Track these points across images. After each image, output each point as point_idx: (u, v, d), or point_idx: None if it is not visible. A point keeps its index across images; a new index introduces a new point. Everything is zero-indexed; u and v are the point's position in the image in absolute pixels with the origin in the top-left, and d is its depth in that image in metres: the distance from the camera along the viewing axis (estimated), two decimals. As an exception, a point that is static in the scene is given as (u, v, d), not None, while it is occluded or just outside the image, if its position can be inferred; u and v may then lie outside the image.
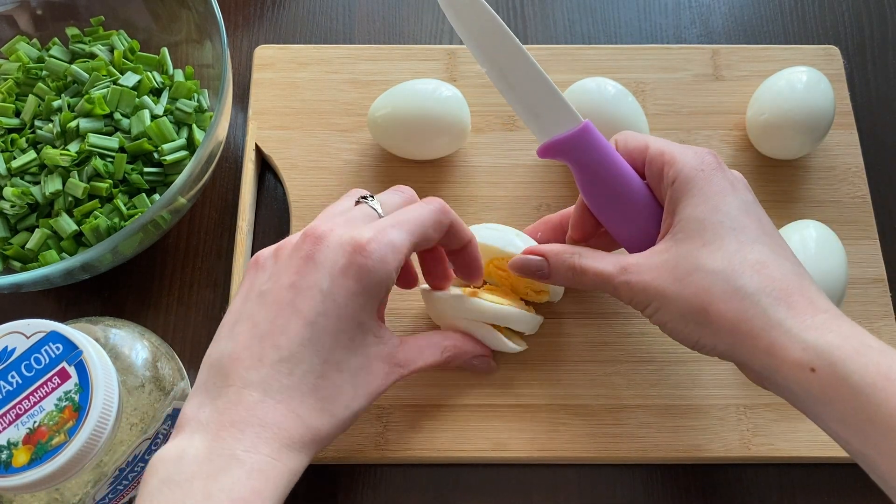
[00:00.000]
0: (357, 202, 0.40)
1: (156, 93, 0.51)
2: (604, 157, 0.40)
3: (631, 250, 0.41)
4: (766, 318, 0.34)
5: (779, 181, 0.52)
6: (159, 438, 0.40)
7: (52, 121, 0.48)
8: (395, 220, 0.38)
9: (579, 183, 0.41)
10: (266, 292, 0.36)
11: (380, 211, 0.40)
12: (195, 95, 0.51)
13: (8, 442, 0.33)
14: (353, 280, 0.35)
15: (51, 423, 0.33)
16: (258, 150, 0.52)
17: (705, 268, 0.36)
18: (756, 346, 0.35)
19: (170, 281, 0.50)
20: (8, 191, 0.47)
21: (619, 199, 0.41)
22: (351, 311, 0.36)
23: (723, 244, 0.36)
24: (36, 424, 0.33)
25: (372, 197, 0.40)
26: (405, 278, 0.44)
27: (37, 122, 0.49)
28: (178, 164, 0.48)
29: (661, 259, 0.38)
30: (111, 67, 0.50)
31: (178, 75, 0.52)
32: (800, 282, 0.36)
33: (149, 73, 0.50)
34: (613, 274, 0.39)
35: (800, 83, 0.49)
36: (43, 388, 0.34)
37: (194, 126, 0.50)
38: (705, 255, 0.36)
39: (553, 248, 0.42)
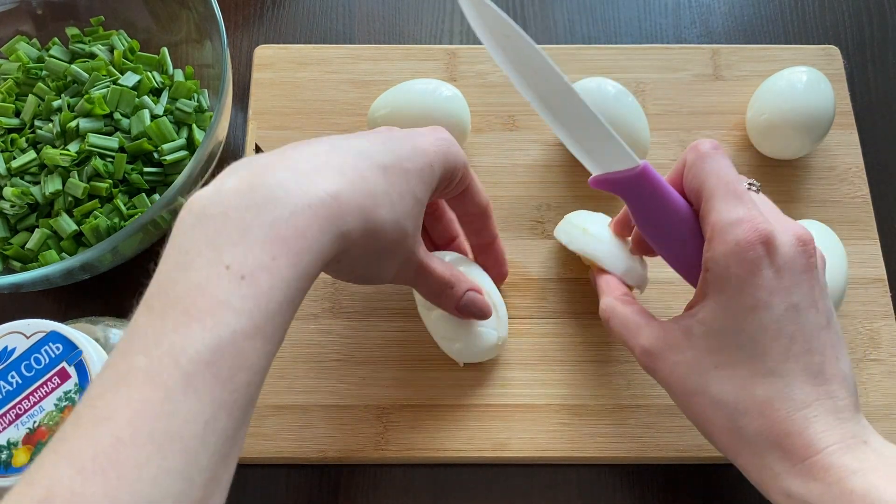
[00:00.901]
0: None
1: (156, 93, 0.51)
2: (658, 198, 0.38)
3: (683, 274, 0.41)
4: (758, 459, 0.35)
5: (779, 181, 0.52)
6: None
7: (52, 121, 0.48)
8: None
9: (631, 211, 0.40)
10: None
11: None
12: (195, 95, 0.51)
13: (8, 442, 0.33)
14: (433, 141, 0.37)
15: (51, 423, 0.34)
16: (258, 150, 0.52)
17: (711, 395, 0.35)
18: (748, 474, 0.36)
19: (170, 281, 0.50)
20: (8, 191, 0.47)
21: (670, 236, 0.39)
22: (429, 155, 0.36)
23: (734, 372, 0.35)
24: (36, 424, 0.33)
25: None
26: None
27: (37, 122, 0.49)
28: (178, 164, 0.48)
29: (677, 359, 0.37)
30: (111, 67, 0.50)
31: (178, 75, 0.52)
32: (804, 420, 0.34)
33: (149, 73, 0.50)
34: (636, 350, 0.39)
35: (800, 83, 0.49)
36: (43, 388, 0.34)
37: (194, 126, 0.50)
38: (715, 381, 0.35)
39: (604, 289, 0.43)
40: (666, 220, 0.38)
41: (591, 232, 0.45)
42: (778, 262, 0.34)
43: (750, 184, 0.39)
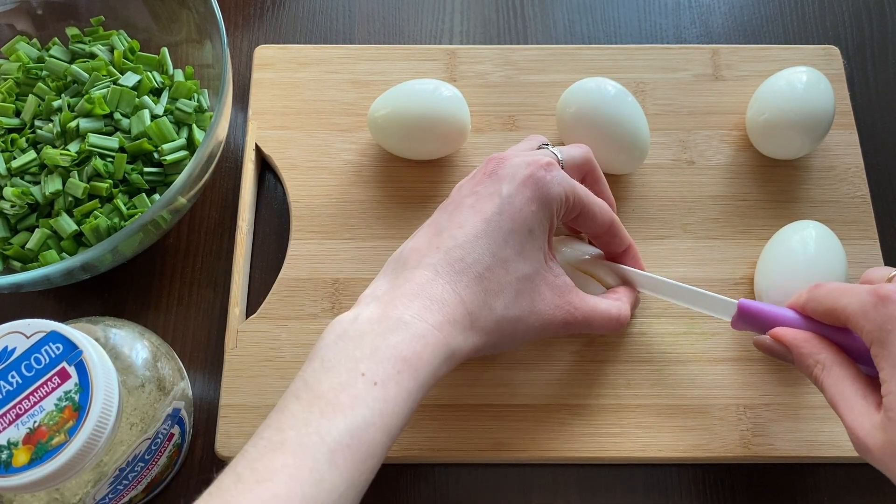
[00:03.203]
0: (539, 147, 0.44)
1: (156, 93, 0.51)
2: (772, 321, 0.40)
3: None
4: None
5: (779, 181, 0.52)
6: (159, 438, 0.40)
7: (52, 121, 0.48)
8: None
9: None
10: (449, 203, 0.41)
11: (559, 156, 0.43)
12: (195, 95, 0.51)
13: (8, 442, 0.33)
14: (531, 188, 0.40)
15: (51, 423, 0.33)
16: (258, 150, 0.52)
17: None
18: None
19: (170, 281, 0.50)
20: (8, 191, 0.47)
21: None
22: (525, 215, 0.39)
23: None
24: (36, 424, 0.33)
25: (552, 145, 0.45)
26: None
27: (37, 122, 0.49)
28: (178, 164, 0.48)
29: (882, 440, 0.34)
30: (111, 67, 0.50)
31: (178, 75, 0.52)
32: None
33: (149, 73, 0.50)
34: (851, 433, 0.35)
35: (800, 83, 0.49)
36: (43, 388, 0.34)
37: (194, 126, 0.50)
38: None
39: (797, 341, 0.39)
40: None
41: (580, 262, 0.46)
42: None
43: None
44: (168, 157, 0.48)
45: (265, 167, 0.53)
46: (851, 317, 0.36)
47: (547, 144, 0.45)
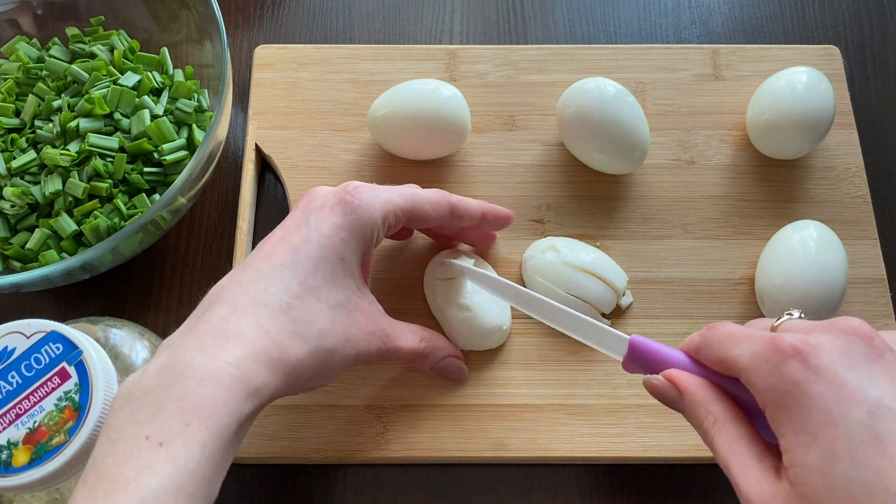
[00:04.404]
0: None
1: (156, 93, 0.51)
2: (662, 362, 0.36)
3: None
4: None
5: (779, 181, 0.52)
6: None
7: (52, 121, 0.48)
8: (390, 187, 0.41)
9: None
10: (264, 242, 0.39)
11: None
12: (195, 95, 0.51)
13: (8, 442, 0.33)
14: (340, 215, 0.38)
15: (51, 423, 0.33)
16: (258, 150, 0.52)
17: None
18: None
19: (170, 281, 0.50)
20: (8, 191, 0.47)
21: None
22: (335, 242, 0.38)
23: None
24: (36, 424, 0.33)
25: None
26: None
27: (37, 122, 0.49)
28: (178, 164, 0.48)
29: None
30: (111, 67, 0.50)
31: (178, 75, 0.52)
32: None
33: (149, 73, 0.50)
34: (746, 494, 0.30)
35: (800, 83, 0.49)
36: (43, 388, 0.34)
37: (194, 126, 0.50)
38: None
39: (693, 386, 0.34)
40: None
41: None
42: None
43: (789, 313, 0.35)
44: (168, 157, 0.48)
45: (265, 167, 0.53)
46: (744, 371, 0.31)
47: None
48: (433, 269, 0.47)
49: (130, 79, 0.50)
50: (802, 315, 0.34)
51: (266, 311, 0.35)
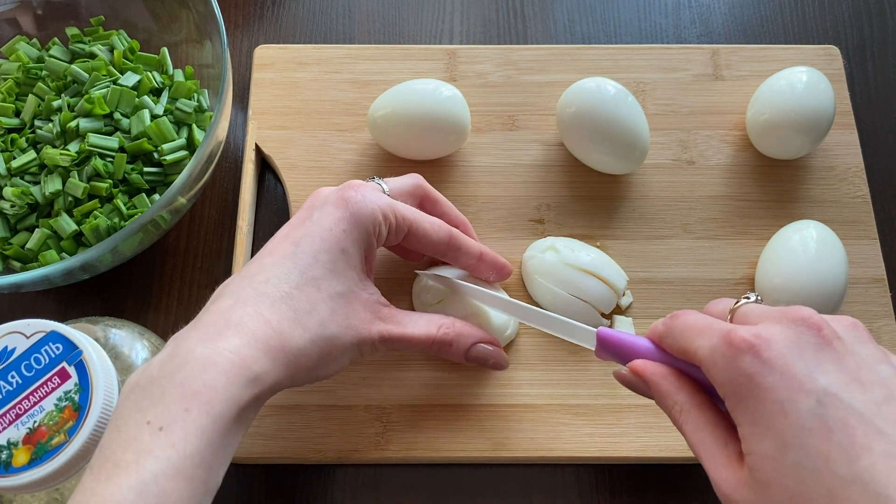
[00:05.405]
0: (365, 179, 0.44)
1: (156, 93, 0.51)
2: (628, 353, 0.37)
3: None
4: None
5: (779, 181, 0.52)
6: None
7: (52, 121, 0.48)
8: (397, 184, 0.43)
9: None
10: (271, 240, 0.40)
11: (385, 186, 0.43)
12: (195, 95, 0.51)
13: (8, 442, 0.33)
14: (341, 209, 0.39)
15: (51, 423, 0.33)
16: (258, 150, 0.52)
17: None
18: None
19: (170, 281, 0.50)
20: (8, 191, 0.47)
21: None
22: (336, 234, 0.38)
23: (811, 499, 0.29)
24: (36, 424, 0.33)
25: (381, 178, 0.44)
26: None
27: (37, 122, 0.49)
28: (178, 164, 0.48)
29: (751, 499, 0.30)
30: (111, 67, 0.50)
31: (178, 75, 0.52)
32: None
33: (149, 73, 0.50)
34: (713, 482, 0.32)
35: (800, 83, 0.49)
36: (43, 388, 0.34)
37: (194, 126, 0.50)
38: None
39: (656, 377, 0.35)
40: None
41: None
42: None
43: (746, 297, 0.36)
44: (168, 157, 0.48)
45: (265, 167, 0.53)
46: (703, 364, 0.33)
47: (374, 178, 0.43)
48: (419, 293, 0.47)
49: (130, 79, 0.50)
50: (760, 299, 0.35)
51: (267, 301, 0.36)
